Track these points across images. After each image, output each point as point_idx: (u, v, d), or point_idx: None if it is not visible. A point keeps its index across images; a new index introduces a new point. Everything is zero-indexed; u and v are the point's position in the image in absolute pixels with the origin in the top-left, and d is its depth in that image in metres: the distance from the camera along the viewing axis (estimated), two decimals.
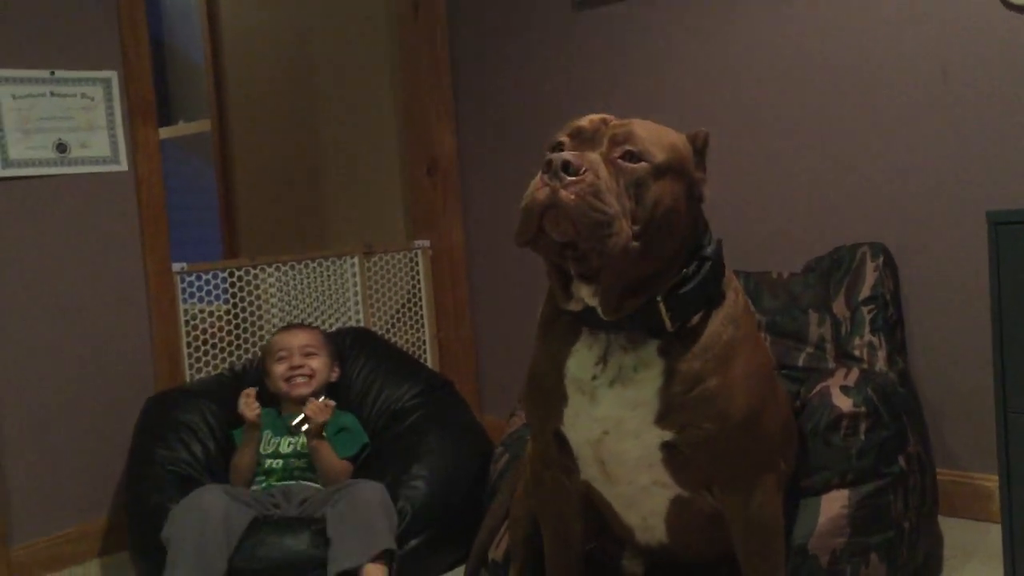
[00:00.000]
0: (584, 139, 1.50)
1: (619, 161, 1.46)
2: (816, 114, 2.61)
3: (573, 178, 1.40)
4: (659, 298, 1.52)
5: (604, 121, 1.53)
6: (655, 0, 2.86)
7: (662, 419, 1.56)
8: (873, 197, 2.54)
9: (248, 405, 2.44)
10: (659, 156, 1.48)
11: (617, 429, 1.59)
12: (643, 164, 1.47)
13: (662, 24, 2.86)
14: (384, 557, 2.13)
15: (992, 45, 2.32)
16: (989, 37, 2.32)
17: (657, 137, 1.51)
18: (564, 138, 1.53)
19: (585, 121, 1.54)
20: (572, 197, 1.39)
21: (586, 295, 1.54)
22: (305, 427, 2.43)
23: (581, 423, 1.62)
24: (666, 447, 1.59)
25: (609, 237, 1.40)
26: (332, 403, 2.51)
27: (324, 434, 2.44)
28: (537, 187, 1.42)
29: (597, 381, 1.58)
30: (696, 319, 1.57)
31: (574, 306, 1.58)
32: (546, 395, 1.67)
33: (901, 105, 2.47)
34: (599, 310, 1.54)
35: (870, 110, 2.52)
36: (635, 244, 1.44)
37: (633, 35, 2.92)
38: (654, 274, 1.52)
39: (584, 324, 1.60)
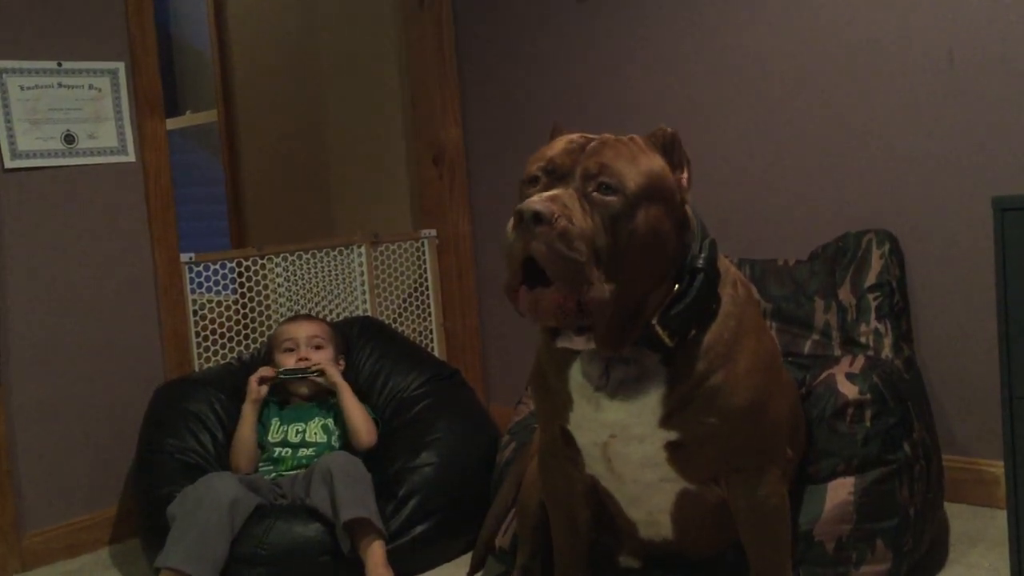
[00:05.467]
0: (558, 175, 1.49)
1: (594, 195, 1.46)
2: (821, 100, 2.60)
3: (543, 228, 1.40)
4: (655, 321, 1.52)
5: (581, 147, 1.51)
6: None
7: (667, 421, 1.58)
8: (879, 184, 2.53)
9: (258, 380, 2.50)
10: (632, 184, 1.47)
11: (623, 433, 1.60)
12: (617, 197, 1.46)
13: (667, 14, 2.86)
14: (377, 532, 2.16)
15: (998, 29, 2.31)
16: (995, 21, 2.31)
17: (631, 163, 1.49)
18: (538, 172, 1.52)
19: (559, 150, 1.52)
20: (543, 248, 1.40)
21: (580, 344, 1.54)
22: (320, 378, 2.53)
23: (587, 426, 1.64)
24: (671, 446, 1.60)
25: (586, 289, 1.41)
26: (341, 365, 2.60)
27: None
28: (511, 236, 1.43)
29: (601, 392, 1.59)
30: (695, 328, 1.57)
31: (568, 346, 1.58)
32: (551, 396, 1.69)
33: (907, 91, 2.46)
34: (594, 347, 1.54)
35: (876, 96, 2.51)
36: (611, 286, 1.43)
37: (637, 25, 2.92)
38: (645, 298, 1.52)
39: None
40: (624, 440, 1.61)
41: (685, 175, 1.58)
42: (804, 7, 2.60)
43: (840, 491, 1.90)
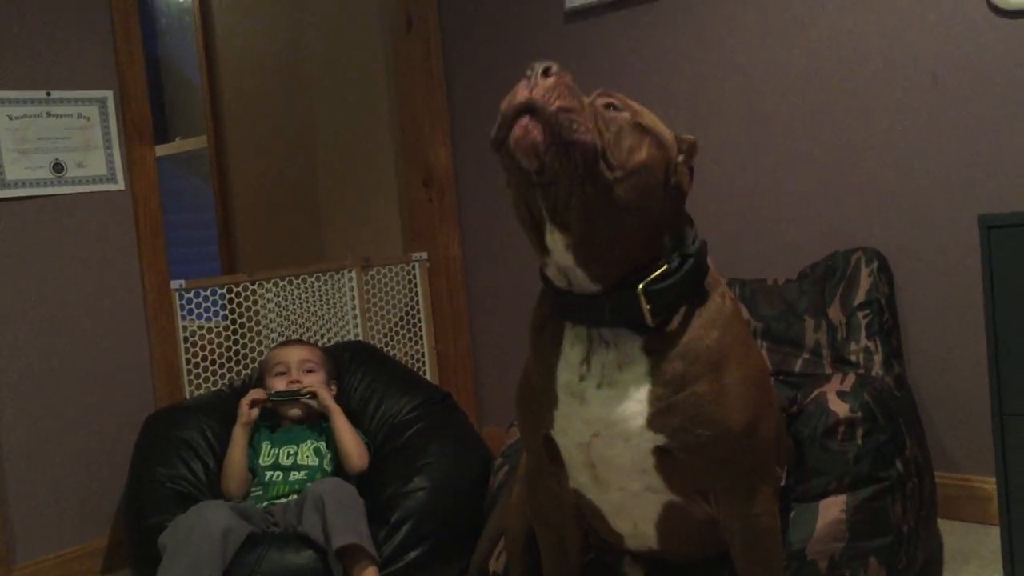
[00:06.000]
0: None
1: (602, 109, 1.47)
2: (808, 121, 2.62)
3: (551, 79, 1.40)
4: (640, 289, 1.50)
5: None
6: (646, 11, 2.89)
7: (652, 422, 1.54)
8: (866, 202, 2.55)
9: (249, 402, 2.50)
10: (643, 119, 1.50)
11: (607, 431, 1.57)
12: (624, 114, 1.47)
13: (654, 34, 2.88)
14: (370, 559, 2.15)
15: (980, 49, 2.33)
16: (977, 41, 2.34)
17: (643, 108, 1.53)
18: None
19: None
20: (541, 93, 1.39)
21: (560, 246, 1.48)
22: (312, 400, 2.53)
23: (571, 426, 1.61)
24: (659, 452, 1.58)
25: (575, 130, 1.38)
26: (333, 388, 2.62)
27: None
28: (516, 91, 1.42)
29: (585, 383, 1.57)
30: (677, 319, 1.54)
31: (554, 275, 1.55)
32: (537, 399, 1.66)
33: (892, 111, 2.48)
34: (578, 271, 1.50)
35: (862, 116, 2.53)
36: (608, 174, 1.41)
37: (624, 45, 2.94)
38: (630, 245, 1.49)
39: (567, 317, 1.59)
40: (608, 440, 1.57)
41: (689, 176, 1.60)
42: (789, 31, 2.62)
43: (832, 509, 1.90)
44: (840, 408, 1.96)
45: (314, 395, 2.53)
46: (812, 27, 2.58)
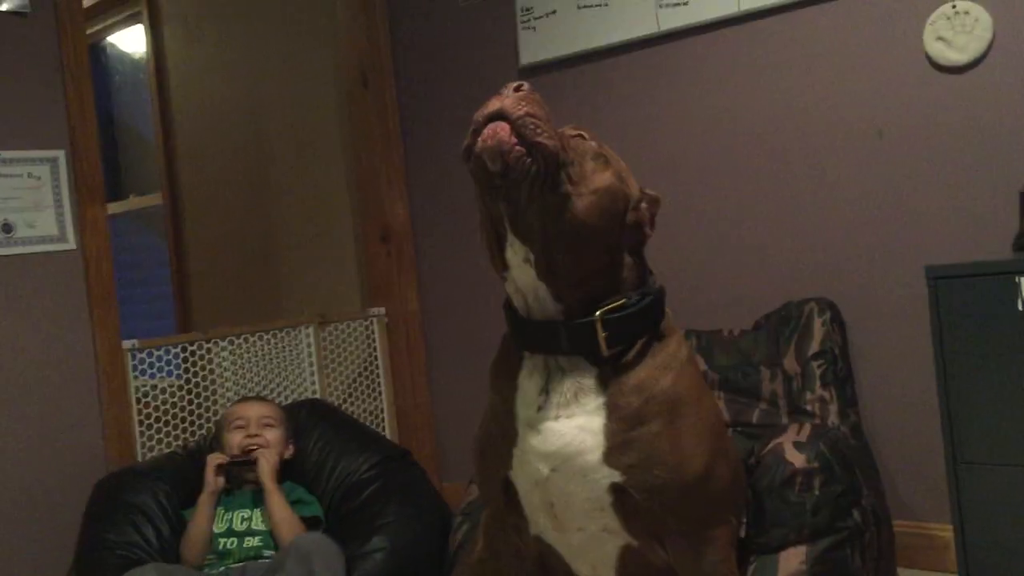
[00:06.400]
0: None
1: (568, 136, 1.54)
2: (760, 177, 2.66)
3: (522, 92, 1.49)
4: (597, 315, 1.53)
5: None
6: (600, 66, 2.93)
7: (609, 457, 1.55)
8: (818, 254, 2.59)
9: (214, 469, 2.43)
10: (608, 154, 1.56)
11: (564, 465, 1.57)
12: (591, 143, 1.55)
13: (608, 89, 2.92)
14: None
15: (924, 105, 2.40)
16: (920, 98, 2.40)
17: (613, 152, 1.59)
18: None
19: None
20: (511, 102, 1.47)
21: (519, 259, 1.52)
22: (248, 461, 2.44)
23: (528, 461, 1.60)
24: (616, 490, 1.58)
25: (539, 133, 1.45)
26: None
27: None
28: (488, 102, 1.50)
29: (543, 413, 1.57)
30: (632, 353, 1.57)
31: (514, 295, 1.58)
32: (496, 439, 1.66)
33: (841, 166, 2.53)
34: (540, 288, 1.53)
35: (812, 171, 2.58)
36: (568, 187, 1.47)
37: (578, 101, 2.98)
38: (590, 268, 1.53)
39: (525, 345, 1.60)
40: (566, 475, 1.57)
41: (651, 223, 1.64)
42: (741, 90, 2.68)
43: (792, 561, 1.90)
44: (796, 459, 1.97)
45: (256, 462, 2.46)
46: (763, 87, 2.64)
